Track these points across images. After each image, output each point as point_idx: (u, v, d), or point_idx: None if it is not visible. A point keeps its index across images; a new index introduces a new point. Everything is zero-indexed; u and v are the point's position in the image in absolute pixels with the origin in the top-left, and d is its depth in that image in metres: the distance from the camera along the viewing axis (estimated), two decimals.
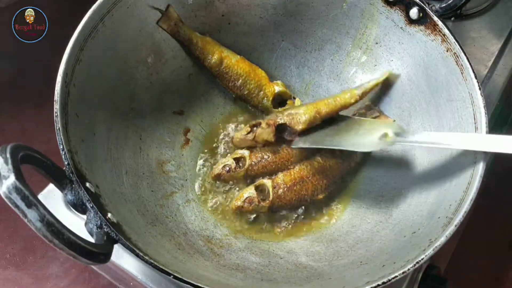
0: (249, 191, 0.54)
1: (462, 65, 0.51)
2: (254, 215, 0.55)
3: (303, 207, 0.55)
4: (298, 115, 0.56)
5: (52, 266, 0.69)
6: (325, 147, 0.56)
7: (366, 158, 0.59)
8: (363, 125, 0.55)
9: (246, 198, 0.54)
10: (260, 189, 0.55)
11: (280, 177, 0.55)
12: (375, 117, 0.59)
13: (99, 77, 0.50)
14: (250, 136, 0.57)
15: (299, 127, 0.55)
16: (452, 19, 0.75)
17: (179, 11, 0.58)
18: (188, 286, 0.39)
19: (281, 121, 0.56)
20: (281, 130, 0.57)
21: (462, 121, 0.50)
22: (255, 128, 0.57)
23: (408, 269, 0.41)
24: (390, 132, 0.50)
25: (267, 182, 0.55)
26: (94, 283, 0.67)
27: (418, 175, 0.54)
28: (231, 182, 0.57)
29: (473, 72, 0.50)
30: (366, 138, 0.53)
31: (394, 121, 0.58)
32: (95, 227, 0.39)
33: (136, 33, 0.55)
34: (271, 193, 0.54)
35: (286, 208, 0.55)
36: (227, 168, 0.56)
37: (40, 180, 0.42)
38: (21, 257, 0.70)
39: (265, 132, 0.56)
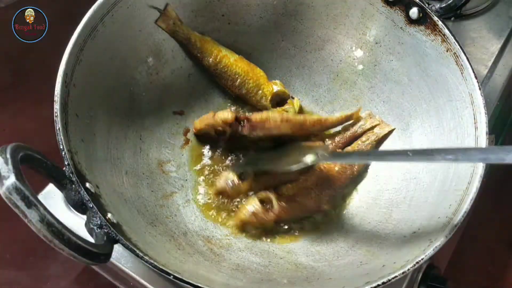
0: (253, 204, 0.52)
1: (462, 65, 0.51)
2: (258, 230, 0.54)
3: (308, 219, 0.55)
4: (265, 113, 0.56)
5: (52, 266, 0.69)
6: (264, 169, 0.56)
7: (368, 166, 0.59)
8: (301, 148, 0.55)
9: (251, 212, 0.52)
10: (263, 202, 0.53)
11: (284, 188, 0.54)
12: (375, 125, 0.59)
13: (99, 77, 0.51)
14: (210, 114, 0.57)
15: (256, 117, 0.54)
16: (452, 19, 0.75)
17: (179, 11, 0.58)
18: (188, 286, 0.39)
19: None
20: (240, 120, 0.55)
21: (462, 121, 0.50)
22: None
23: (408, 269, 0.41)
24: (318, 153, 0.52)
25: (271, 194, 0.53)
26: (94, 283, 0.67)
27: (418, 175, 0.54)
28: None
29: (473, 72, 0.50)
30: (296, 159, 0.53)
31: (394, 129, 0.59)
32: (95, 227, 0.39)
33: (136, 33, 0.55)
34: (275, 205, 0.52)
35: (291, 221, 0.54)
36: (231, 184, 0.53)
37: (40, 180, 0.42)
38: (22, 258, 0.69)
39: (225, 112, 0.55)
